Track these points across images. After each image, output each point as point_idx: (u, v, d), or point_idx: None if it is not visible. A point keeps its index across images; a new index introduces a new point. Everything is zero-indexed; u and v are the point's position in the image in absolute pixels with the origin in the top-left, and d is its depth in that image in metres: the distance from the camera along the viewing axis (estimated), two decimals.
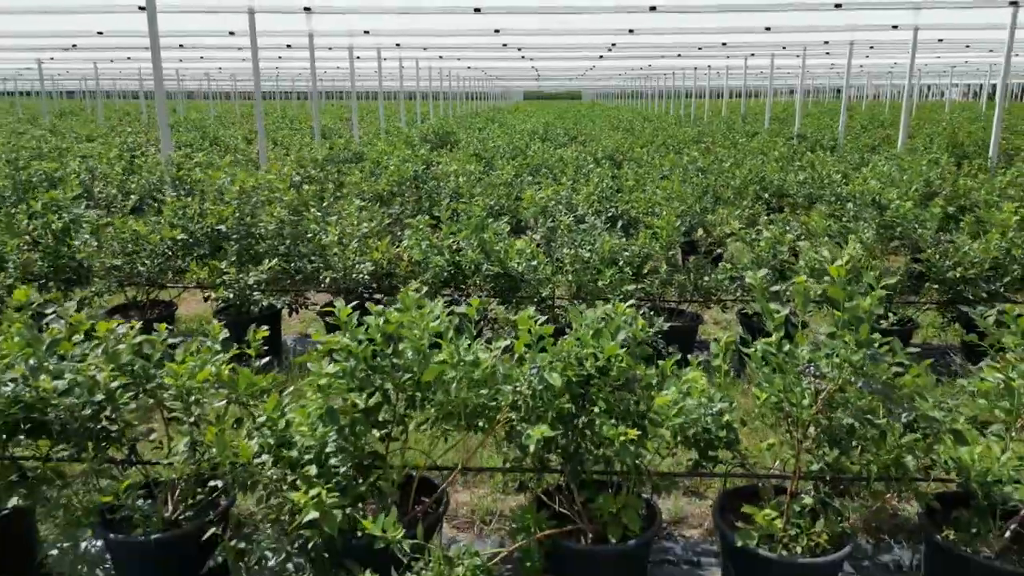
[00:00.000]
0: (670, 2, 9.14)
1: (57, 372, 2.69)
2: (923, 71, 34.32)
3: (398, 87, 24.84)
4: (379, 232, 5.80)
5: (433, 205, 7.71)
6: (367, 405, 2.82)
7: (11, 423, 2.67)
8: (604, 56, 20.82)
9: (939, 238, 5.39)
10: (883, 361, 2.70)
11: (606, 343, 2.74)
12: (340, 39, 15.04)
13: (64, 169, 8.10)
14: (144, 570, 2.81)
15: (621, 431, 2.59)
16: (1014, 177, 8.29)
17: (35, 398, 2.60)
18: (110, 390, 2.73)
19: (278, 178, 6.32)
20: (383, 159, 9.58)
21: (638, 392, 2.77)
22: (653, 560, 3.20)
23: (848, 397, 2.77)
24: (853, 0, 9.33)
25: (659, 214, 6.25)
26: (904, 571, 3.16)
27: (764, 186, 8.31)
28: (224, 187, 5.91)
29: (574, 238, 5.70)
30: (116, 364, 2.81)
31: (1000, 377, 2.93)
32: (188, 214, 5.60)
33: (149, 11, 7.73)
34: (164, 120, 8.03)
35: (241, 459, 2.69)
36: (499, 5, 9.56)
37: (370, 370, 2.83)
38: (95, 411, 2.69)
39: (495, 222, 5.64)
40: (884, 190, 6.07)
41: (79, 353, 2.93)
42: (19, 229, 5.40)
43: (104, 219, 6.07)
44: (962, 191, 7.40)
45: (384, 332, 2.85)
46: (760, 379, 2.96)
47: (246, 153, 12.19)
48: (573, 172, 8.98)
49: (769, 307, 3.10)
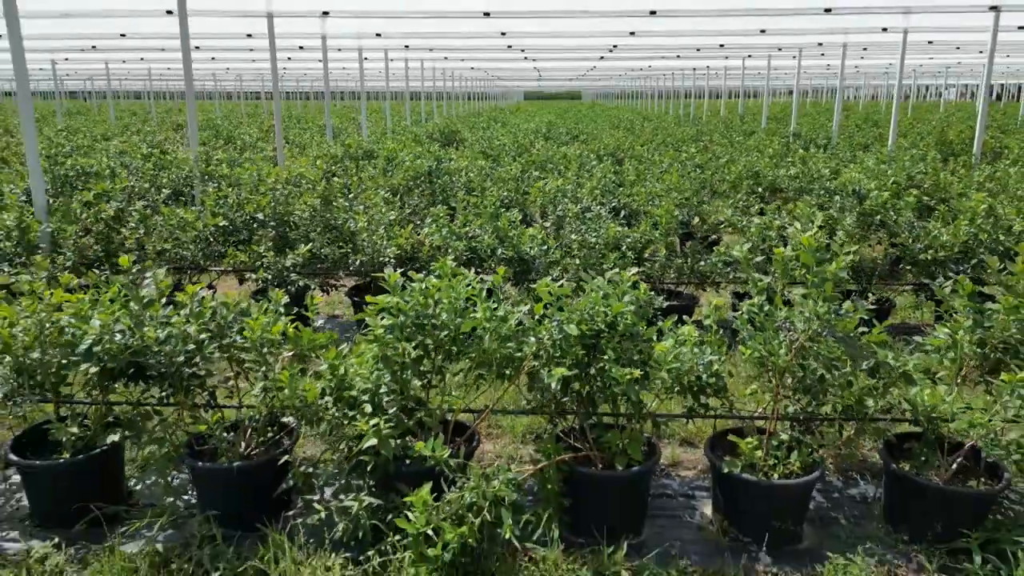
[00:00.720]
0: (669, 7, 9.67)
1: (156, 326, 3.21)
2: (919, 72, 34.85)
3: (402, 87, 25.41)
4: (401, 221, 6.32)
5: (447, 198, 8.23)
6: (413, 356, 3.35)
7: (117, 368, 3.19)
8: (605, 57, 21.33)
9: (913, 224, 5.92)
10: (847, 316, 3.22)
11: (614, 302, 3.27)
12: (350, 41, 15.54)
13: (99, 164, 8.62)
14: (227, 493, 3.33)
15: (627, 372, 3.12)
16: (992, 172, 8.82)
17: (140, 346, 3.12)
18: (198, 341, 3.26)
19: (309, 171, 6.84)
20: (397, 155, 10.10)
21: (640, 343, 3.29)
22: (653, 494, 3.72)
23: (818, 349, 3.29)
24: (843, 5, 9.85)
25: (659, 204, 6.77)
26: (868, 501, 3.69)
27: (758, 181, 8.82)
28: (260, 179, 6.42)
29: (581, 226, 6.22)
30: (202, 321, 3.34)
31: (948, 333, 3.47)
32: (229, 203, 6.12)
33: (181, 16, 8.24)
34: (193, 119, 8.54)
35: (308, 399, 3.22)
36: (506, 9, 10.08)
37: (414, 327, 3.35)
38: (187, 358, 3.22)
39: (507, 212, 6.17)
40: (863, 181, 6.59)
41: (163, 314, 3.46)
42: (75, 217, 5.92)
43: (147, 209, 6.59)
44: (942, 184, 7.92)
45: (425, 295, 3.38)
46: (745, 336, 3.48)
47: (263, 150, 12.71)
48: (576, 168, 9.50)
49: (753, 275, 3.63)
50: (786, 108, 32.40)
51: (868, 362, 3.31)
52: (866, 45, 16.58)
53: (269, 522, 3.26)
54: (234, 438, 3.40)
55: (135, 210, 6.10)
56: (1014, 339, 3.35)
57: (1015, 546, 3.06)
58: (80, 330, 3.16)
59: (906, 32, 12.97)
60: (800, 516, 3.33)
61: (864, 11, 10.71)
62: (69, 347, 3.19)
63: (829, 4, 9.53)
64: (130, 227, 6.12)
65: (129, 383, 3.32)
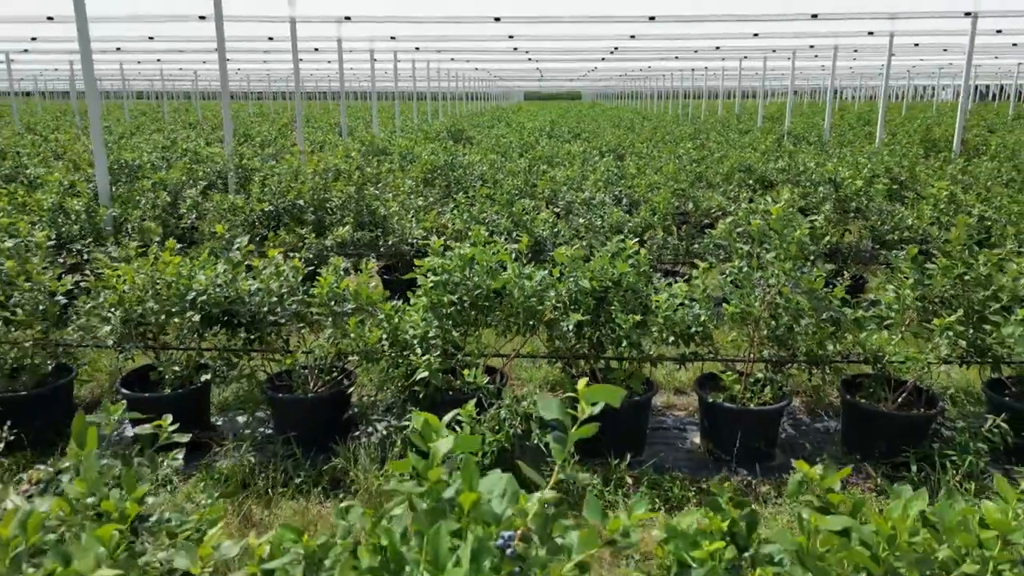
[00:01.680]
0: (667, 13, 10.39)
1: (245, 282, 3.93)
2: (912, 72, 35.60)
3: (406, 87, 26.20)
4: (426, 207, 7.05)
5: (463, 189, 8.95)
6: (454, 308, 4.07)
7: (214, 315, 3.92)
8: (606, 58, 22.05)
9: (883, 209, 6.64)
10: (811, 275, 3.95)
11: (619, 263, 3.99)
12: (362, 43, 16.27)
13: (141, 158, 9.34)
14: (302, 420, 4.06)
15: (629, 318, 3.84)
16: (964, 166, 9.55)
17: (235, 296, 3.85)
18: (280, 295, 3.99)
19: (345, 162, 7.56)
20: (413, 151, 10.83)
21: (641, 296, 4.02)
22: (651, 428, 4.44)
23: (786, 303, 4.02)
24: (829, 11, 10.57)
25: (657, 193, 7.50)
26: (831, 432, 4.42)
27: (749, 173, 9.55)
28: (299, 170, 7.14)
29: (587, 212, 6.94)
30: (282, 278, 4.06)
31: (894, 289, 4.19)
32: (273, 191, 6.85)
33: (217, 22, 8.96)
34: (228, 118, 9.26)
35: (369, 343, 3.94)
36: (516, 15, 10.81)
37: (454, 284, 4.07)
38: (271, 308, 3.94)
39: (520, 200, 6.89)
40: (841, 172, 7.32)
41: (248, 273, 4.18)
42: (136, 203, 6.64)
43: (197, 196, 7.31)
44: (917, 176, 8.64)
45: (463, 258, 4.10)
46: (727, 294, 4.21)
47: (283, 146, 13.43)
48: (580, 163, 10.23)
49: (735, 244, 4.36)
50: (783, 108, 33.13)
51: (828, 313, 4.04)
52: (856, 47, 17.31)
53: (338, 442, 3.98)
54: (307, 375, 4.13)
55: (188, 196, 6.83)
56: (948, 293, 4.08)
57: (944, 458, 3.78)
58: (186, 285, 3.88)
59: (892, 36, 13.72)
60: (772, 439, 4.06)
61: (851, 16, 11.44)
62: (175, 299, 3.91)
63: (816, 10, 10.25)
64: (182, 212, 6.85)
65: (222, 329, 4.05)
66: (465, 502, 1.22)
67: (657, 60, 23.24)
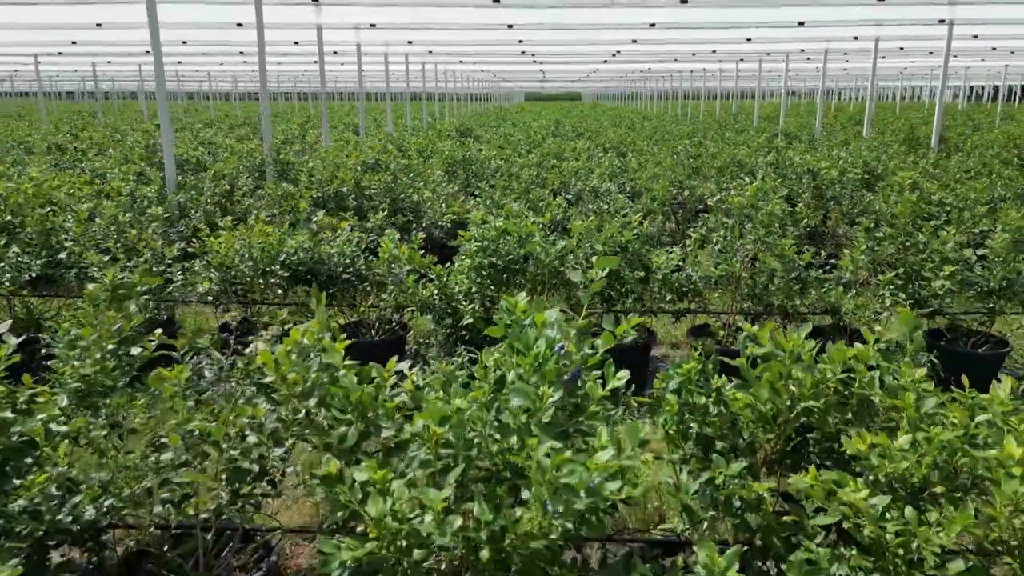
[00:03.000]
0: (666, 21, 11.34)
1: (325, 247, 4.87)
2: (905, 74, 36.56)
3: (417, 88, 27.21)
4: (454, 194, 7.98)
5: (480, 181, 9.89)
6: (492, 269, 5.01)
7: (300, 274, 4.85)
8: (608, 61, 22.99)
9: (853, 196, 7.58)
10: (779, 240, 4.88)
11: (627, 232, 4.93)
12: (378, 47, 17.21)
13: (187, 152, 10.27)
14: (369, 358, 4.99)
15: (635, 274, 4.78)
16: (937, 160, 10.49)
17: (317, 258, 4.79)
18: (353, 257, 4.92)
19: (383, 155, 8.50)
20: (431, 147, 11.77)
21: (643, 258, 4.96)
22: (650, 372, 5.37)
23: (763, 265, 4.95)
24: (815, 19, 11.51)
25: (657, 183, 8.44)
26: None
27: (740, 167, 10.49)
28: (341, 162, 8.08)
29: (595, 199, 7.88)
30: (352, 244, 5.00)
31: (850, 255, 5.14)
32: (319, 180, 7.78)
33: (259, 28, 9.90)
34: (267, 117, 10.19)
35: (424, 296, 4.88)
36: (526, 22, 11.76)
37: (491, 250, 5.01)
38: (344, 267, 4.88)
39: (534, 189, 7.83)
40: (819, 163, 8.26)
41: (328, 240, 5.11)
42: (202, 191, 7.58)
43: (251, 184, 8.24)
44: (890, 169, 9.58)
45: (498, 229, 5.04)
46: (715, 261, 5.15)
47: (309, 144, 14.37)
48: (586, 159, 11.16)
49: (721, 218, 5.30)
50: (778, 108, 34.09)
51: (795, 273, 4.97)
52: (846, 51, 18.25)
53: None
54: (372, 324, 5.06)
55: (244, 185, 7.76)
56: (893, 257, 5.02)
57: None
58: (277, 249, 4.81)
59: (877, 40, 14.68)
60: None
61: (836, 24, 12.39)
62: (267, 260, 4.85)
63: (803, 19, 11.19)
64: (237, 198, 7.78)
65: (301, 286, 4.99)
66: (538, 321, 2.16)
67: (657, 63, 24.17)
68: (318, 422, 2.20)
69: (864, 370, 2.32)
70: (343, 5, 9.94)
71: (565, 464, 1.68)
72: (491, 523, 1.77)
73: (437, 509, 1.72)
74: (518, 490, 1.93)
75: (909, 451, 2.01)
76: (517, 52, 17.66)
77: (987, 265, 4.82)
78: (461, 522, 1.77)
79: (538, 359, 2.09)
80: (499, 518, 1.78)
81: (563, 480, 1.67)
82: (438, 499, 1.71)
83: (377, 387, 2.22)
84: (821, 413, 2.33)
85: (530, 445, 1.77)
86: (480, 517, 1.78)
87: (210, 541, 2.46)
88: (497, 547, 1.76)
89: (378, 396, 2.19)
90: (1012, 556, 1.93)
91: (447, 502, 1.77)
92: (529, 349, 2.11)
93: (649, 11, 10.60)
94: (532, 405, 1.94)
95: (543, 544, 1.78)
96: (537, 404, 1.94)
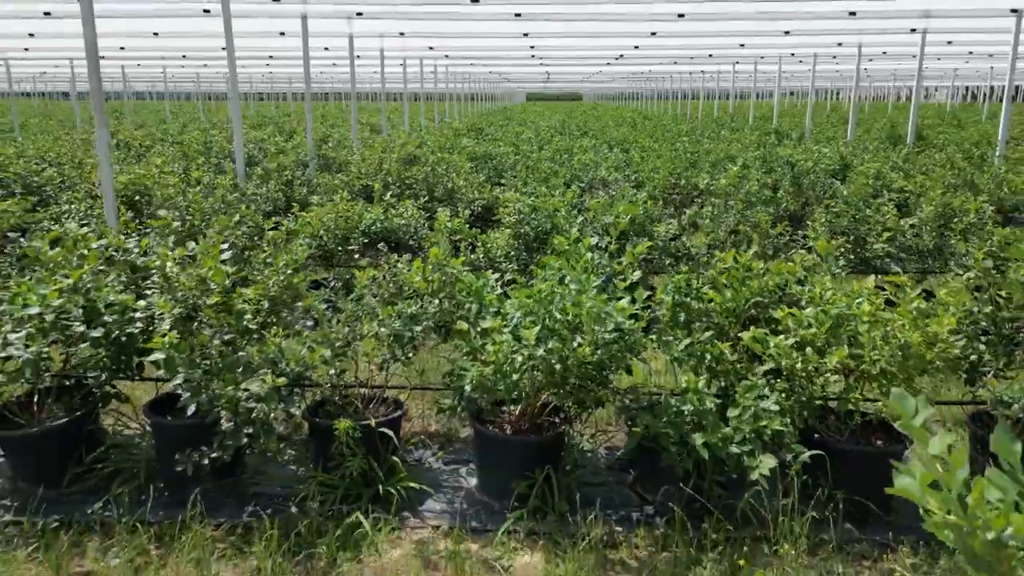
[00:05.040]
0: (667, 29, 12.61)
1: (396, 218, 6.15)
2: (898, 74, 37.82)
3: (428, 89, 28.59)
4: (483, 183, 9.26)
5: (500, 173, 11.16)
6: (526, 238, 6.28)
7: (374, 238, 6.13)
8: (611, 63, 24.27)
9: (825, 183, 8.83)
10: (757, 214, 6.15)
11: (634, 207, 6.20)
12: (397, 52, 18.48)
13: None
14: None
15: (640, 241, 6.04)
16: (906, 154, 11.76)
17: (389, 227, 6.06)
18: (417, 224, 6.20)
19: (422, 149, 9.78)
20: (453, 143, 13.05)
21: (648, 228, 6.23)
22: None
23: (740, 235, 6.21)
24: (800, 28, 12.78)
25: (658, 173, 9.70)
26: None
27: (732, 161, 11.77)
28: (384, 156, 9.35)
29: (605, 187, 9.15)
30: (415, 218, 6.28)
31: (812, 226, 6.41)
32: (366, 171, 9.04)
33: (304, 37, 11.16)
34: (310, 116, 11.46)
35: (471, 259, 6.14)
36: (539, 31, 13.03)
37: (525, 222, 6.27)
38: (410, 234, 6.15)
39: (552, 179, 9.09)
40: (797, 156, 9.52)
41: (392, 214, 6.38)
42: (269, 180, 8.85)
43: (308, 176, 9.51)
44: (864, 162, 10.85)
45: (529, 206, 6.31)
46: (707, 227, 6.41)
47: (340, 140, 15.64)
48: (593, 155, 12.43)
49: (710, 199, 6.58)
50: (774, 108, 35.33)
51: (768, 240, 6.23)
52: (835, 55, 19.52)
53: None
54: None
55: (303, 175, 9.02)
56: (846, 228, 6.28)
57: None
58: (358, 218, 6.08)
59: (860, 46, 15.94)
60: None
61: (821, 32, 13.65)
62: (350, 229, 6.11)
63: (788, 28, 12.46)
64: (297, 186, 9.05)
65: (375, 248, 6.26)
66: (585, 243, 3.43)
67: (657, 65, 25.45)
68: (446, 307, 3.47)
69: (793, 279, 3.59)
70: (377, 19, 11.20)
71: (601, 305, 2.95)
72: (561, 351, 3.04)
73: (532, 339, 2.99)
74: (573, 339, 3.21)
75: (812, 318, 3.28)
76: (528, 56, 18.93)
77: (919, 233, 6.09)
78: (542, 351, 3.05)
79: (586, 264, 3.35)
80: (565, 349, 3.06)
81: (601, 312, 2.94)
82: (533, 333, 2.99)
83: (483, 283, 3.49)
84: (764, 306, 3.60)
85: (581, 301, 3.04)
86: (554, 348, 3.05)
87: (364, 395, 3.73)
88: (564, 361, 3.03)
89: (484, 287, 3.47)
90: (870, 380, 3.21)
91: (536, 339, 3.05)
92: (580, 258, 3.38)
93: (651, 24, 11.88)
94: (582, 287, 3.21)
95: (591, 364, 3.06)
96: (585, 286, 3.21)
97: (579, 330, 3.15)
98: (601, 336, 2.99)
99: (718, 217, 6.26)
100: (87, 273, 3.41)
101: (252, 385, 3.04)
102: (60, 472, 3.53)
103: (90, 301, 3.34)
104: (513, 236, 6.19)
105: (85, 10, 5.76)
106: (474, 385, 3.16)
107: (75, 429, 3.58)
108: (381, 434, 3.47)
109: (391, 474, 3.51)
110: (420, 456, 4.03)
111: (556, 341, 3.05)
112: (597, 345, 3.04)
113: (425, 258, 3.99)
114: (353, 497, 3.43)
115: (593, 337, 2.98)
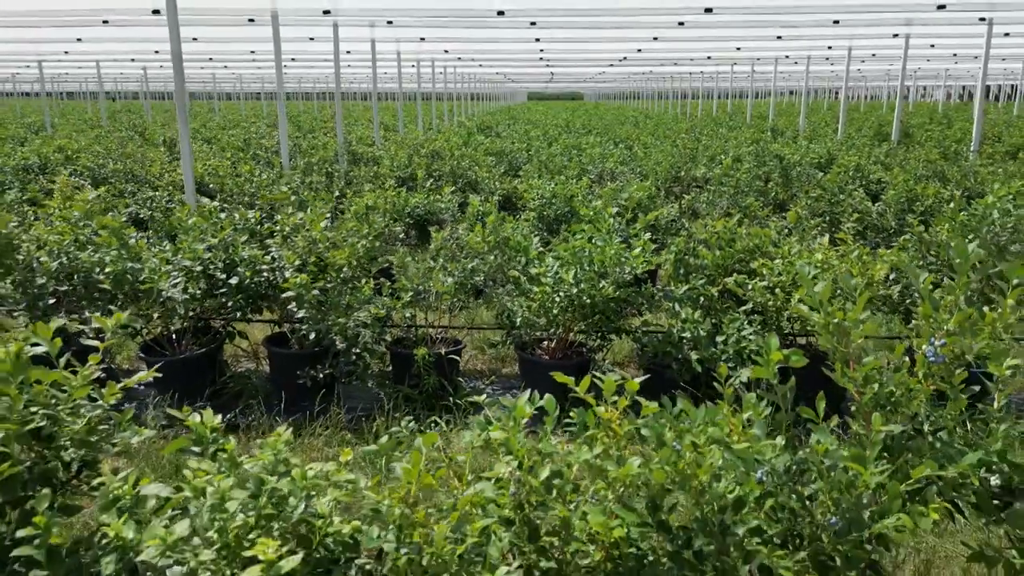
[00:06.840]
0: (667, 34, 13.64)
1: (436, 202, 7.18)
2: (891, 75, 38.84)
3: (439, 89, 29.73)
4: (503, 175, 10.30)
5: (518, 167, 12.19)
6: (547, 219, 7.30)
7: (419, 221, 7.15)
8: (614, 64, 25.30)
9: (811, 175, 9.85)
10: (748, 201, 7.17)
11: (643, 187, 7.23)
12: (411, 55, 19.50)
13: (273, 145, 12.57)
14: None
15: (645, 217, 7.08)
16: (888, 150, 12.79)
17: (430, 209, 7.08)
18: (453, 207, 7.22)
19: (447, 144, 10.81)
20: (468, 140, 14.08)
21: (650, 209, 7.25)
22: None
23: (732, 221, 7.23)
24: (791, 34, 13.81)
25: (660, 165, 10.73)
26: None
27: (727, 155, 12.78)
28: (416, 149, 10.38)
29: (612, 178, 10.17)
30: (454, 202, 7.31)
31: (794, 209, 7.45)
32: (398, 164, 10.06)
33: (335, 42, 12.17)
34: (340, 116, 12.49)
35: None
36: (549, 35, 14.06)
37: (547, 205, 7.29)
38: (445, 218, 7.18)
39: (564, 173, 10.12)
40: (786, 150, 10.54)
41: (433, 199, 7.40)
42: (313, 172, 9.87)
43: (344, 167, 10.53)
44: (849, 156, 11.87)
45: (550, 191, 7.33)
46: (704, 211, 7.44)
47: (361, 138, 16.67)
48: (599, 151, 13.45)
49: (707, 187, 7.62)
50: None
51: (757, 221, 7.25)
52: (827, 57, 20.54)
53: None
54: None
55: (341, 167, 10.06)
56: (824, 210, 7.31)
57: None
58: (404, 204, 7.10)
59: (850, 49, 16.97)
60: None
61: (812, 37, 14.68)
62: (396, 212, 7.12)
63: (779, 33, 13.48)
64: (336, 177, 10.08)
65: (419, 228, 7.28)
66: (608, 211, 4.47)
67: (658, 66, 26.47)
68: (499, 261, 4.50)
69: (768, 241, 4.62)
70: (407, 27, 12.24)
71: (621, 252, 3.99)
72: (590, 290, 4.08)
73: (570, 279, 4.03)
74: (599, 281, 4.23)
75: (781, 267, 4.31)
76: (536, 58, 19.96)
77: (883, 213, 7.12)
78: (576, 290, 4.08)
79: (608, 226, 4.39)
80: (594, 289, 4.09)
81: (621, 257, 3.98)
82: (570, 275, 4.02)
83: (529, 242, 4.52)
84: (745, 262, 4.63)
85: (606, 251, 4.07)
86: (585, 288, 4.09)
87: (431, 335, 4.76)
88: (592, 298, 4.07)
89: (530, 245, 4.50)
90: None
91: (573, 278, 4.08)
92: (604, 222, 4.41)
93: (652, 30, 12.92)
94: (606, 241, 4.24)
95: (612, 299, 4.09)
96: (609, 241, 4.23)
97: (604, 276, 4.17)
98: (620, 277, 4.02)
99: (713, 202, 7.28)
100: (228, 234, 4.43)
101: (360, 314, 4.07)
102: (199, 390, 4.56)
103: (230, 255, 4.36)
104: (538, 218, 7.22)
105: (171, 19, 6.81)
106: (523, 320, 4.19)
107: (207, 359, 4.61)
108: (449, 360, 4.50)
109: (455, 391, 4.54)
110: (474, 385, 5.07)
111: (587, 283, 4.08)
112: (619, 285, 4.07)
113: (484, 224, 5.01)
114: (429, 407, 4.46)
115: (615, 277, 4.01)
